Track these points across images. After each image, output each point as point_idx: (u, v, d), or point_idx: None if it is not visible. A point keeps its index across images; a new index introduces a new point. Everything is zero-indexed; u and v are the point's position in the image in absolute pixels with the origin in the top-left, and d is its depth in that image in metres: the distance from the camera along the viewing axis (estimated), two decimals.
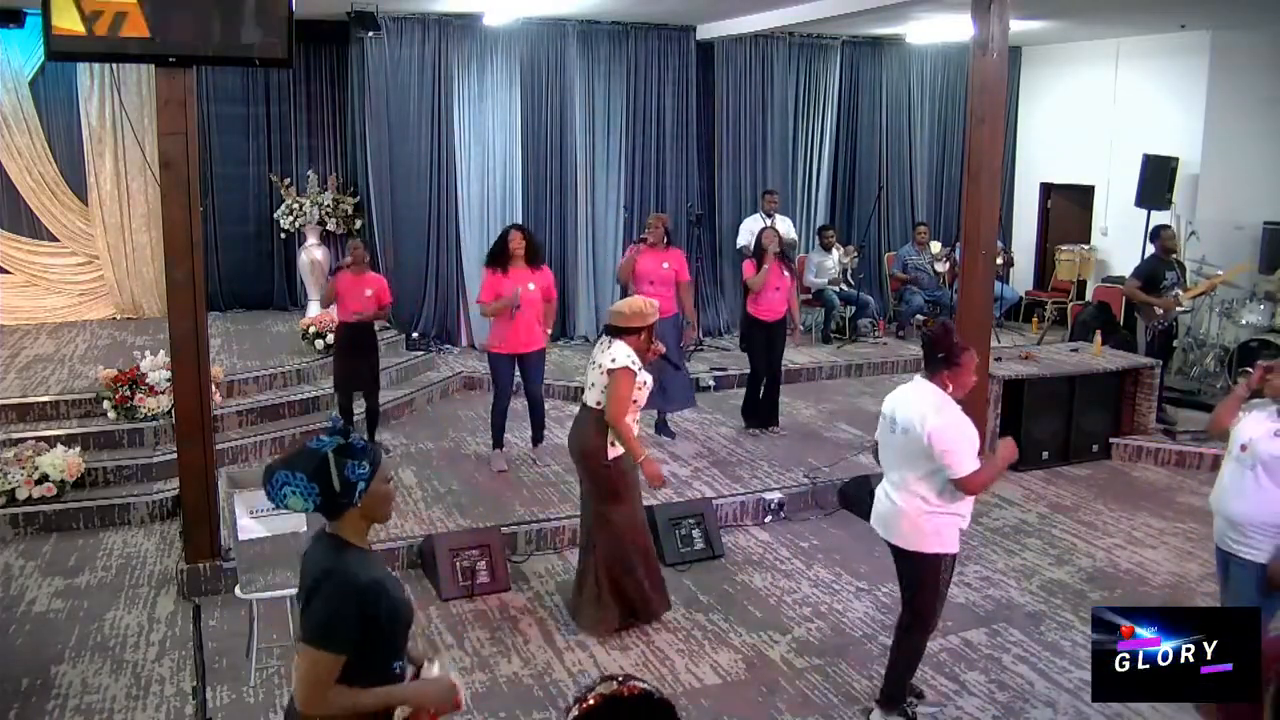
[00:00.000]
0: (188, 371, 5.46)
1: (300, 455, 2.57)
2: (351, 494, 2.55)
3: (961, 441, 4.01)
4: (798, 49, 11.35)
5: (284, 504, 2.53)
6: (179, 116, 5.27)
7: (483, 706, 4.54)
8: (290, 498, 2.52)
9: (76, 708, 4.53)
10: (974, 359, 4.15)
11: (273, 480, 2.52)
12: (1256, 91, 10.11)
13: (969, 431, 4.05)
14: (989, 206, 7.32)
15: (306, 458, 2.54)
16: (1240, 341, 9.14)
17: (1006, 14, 7.02)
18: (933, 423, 4.02)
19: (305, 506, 2.53)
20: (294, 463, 2.55)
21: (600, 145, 10.64)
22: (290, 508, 2.55)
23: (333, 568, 2.51)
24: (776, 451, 7.68)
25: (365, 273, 7.26)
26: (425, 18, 9.75)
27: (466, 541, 5.75)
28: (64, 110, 9.83)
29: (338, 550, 2.56)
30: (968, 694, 4.67)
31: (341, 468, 2.52)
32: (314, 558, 2.60)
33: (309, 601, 2.51)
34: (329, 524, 2.63)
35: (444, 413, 8.70)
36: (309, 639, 2.46)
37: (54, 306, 10.13)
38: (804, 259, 11.14)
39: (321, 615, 2.46)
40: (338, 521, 2.59)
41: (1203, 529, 6.56)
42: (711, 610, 5.47)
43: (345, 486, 2.53)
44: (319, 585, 2.49)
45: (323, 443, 2.57)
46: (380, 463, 2.61)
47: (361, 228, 10.10)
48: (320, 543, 2.62)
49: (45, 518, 6.40)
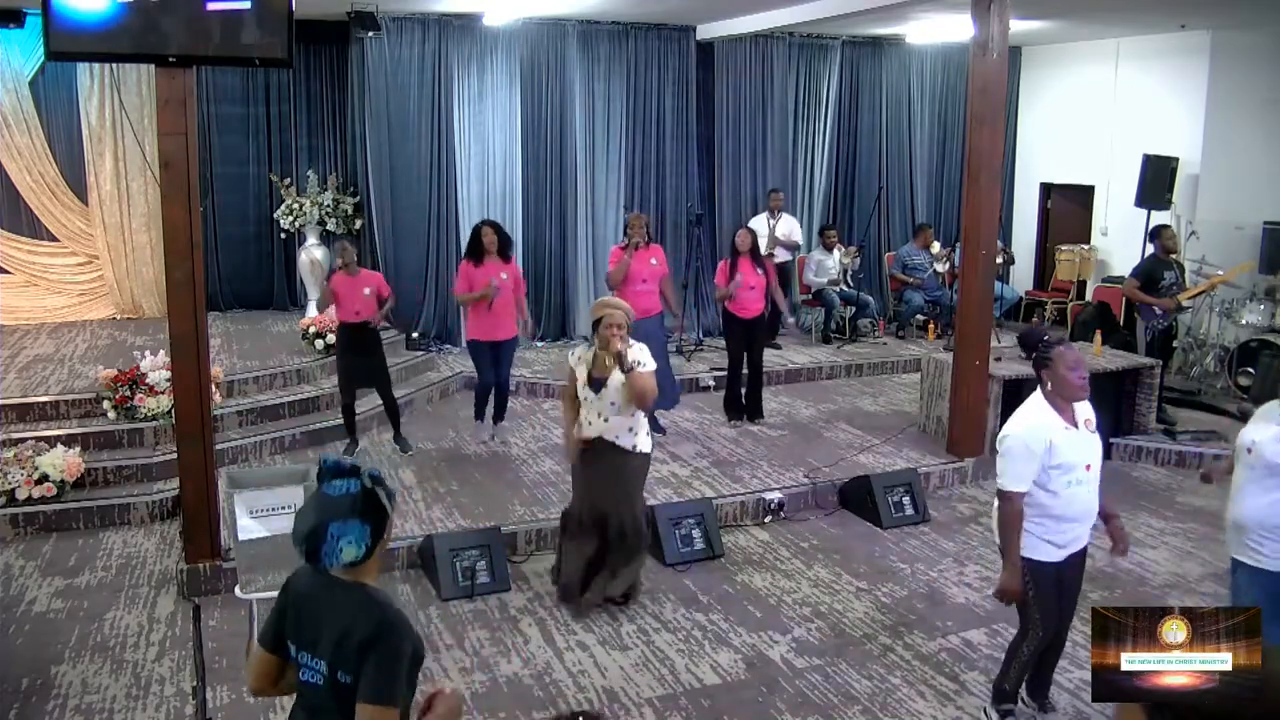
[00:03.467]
0: (188, 371, 5.46)
1: (333, 503, 2.43)
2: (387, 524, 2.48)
3: (1013, 453, 3.90)
4: (797, 49, 11.34)
5: (338, 559, 2.41)
6: (179, 116, 5.27)
7: (483, 706, 4.54)
8: (346, 550, 2.39)
9: (76, 708, 4.53)
10: (1067, 353, 3.92)
11: (327, 536, 2.38)
12: (1256, 91, 10.11)
13: (1035, 447, 3.88)
14: (989, 206, 7.32)
15: (343, 504, 2.42)
16: (1240, 341, 9.14)
17: (1006, 14, 7.03)
18: (1005, 429, 4.00)
19: (357, 555, 2.41)
20: (333, 513, 2.41)
21: (600, 145, 10.64)
22: (343, 560, 2.41)
23: (385, 618, 2.40)
24: (776, 451, 7.68)
25: (359, 272, 7.27)
26: (425, 18, 9.75)
27: (466, 541, 5.75)
28: (64, 110, 9.83)
29: (373, 597, 2.45)
30: (967, 694, 4.67)
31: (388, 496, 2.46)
32: (347, 609, 2.43)
33: (363, 657, 2.35)
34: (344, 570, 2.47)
35: (444, 413, 8.70)
36: (376, 699, 2.33)
37: (54, 306, 10.13)
38: (804, 259, 11.15)
39: (387, 673, 2.34)
40: (362, 566, 2.46)
41: (1203, 529, 6.57)
42: (711, 610, 5.47)
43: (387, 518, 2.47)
44: (377, 638, 2.36)
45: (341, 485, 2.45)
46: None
47: (361, 228, 10.11)
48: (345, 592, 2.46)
49: (45, 518, 6.40)
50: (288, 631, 2.58)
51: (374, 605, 2.43)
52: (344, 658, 2.39)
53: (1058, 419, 3.93)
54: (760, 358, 8.38)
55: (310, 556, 2.44)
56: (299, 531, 2.46)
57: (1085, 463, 3.95)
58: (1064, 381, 3.91)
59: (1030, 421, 3.94)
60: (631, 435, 5.19)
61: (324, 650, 2.45)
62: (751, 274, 7.97)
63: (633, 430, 5.19)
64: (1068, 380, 3.90)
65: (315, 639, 2.48)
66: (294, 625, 2.56)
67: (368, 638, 2.36)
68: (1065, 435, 3.91)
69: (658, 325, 7.85)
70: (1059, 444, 3.89)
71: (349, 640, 2.39)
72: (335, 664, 2.42)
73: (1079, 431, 3.96)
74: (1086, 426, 4.01)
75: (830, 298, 10.84)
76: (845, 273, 11.08)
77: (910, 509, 6.69)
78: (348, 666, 2.39)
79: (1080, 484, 3.97)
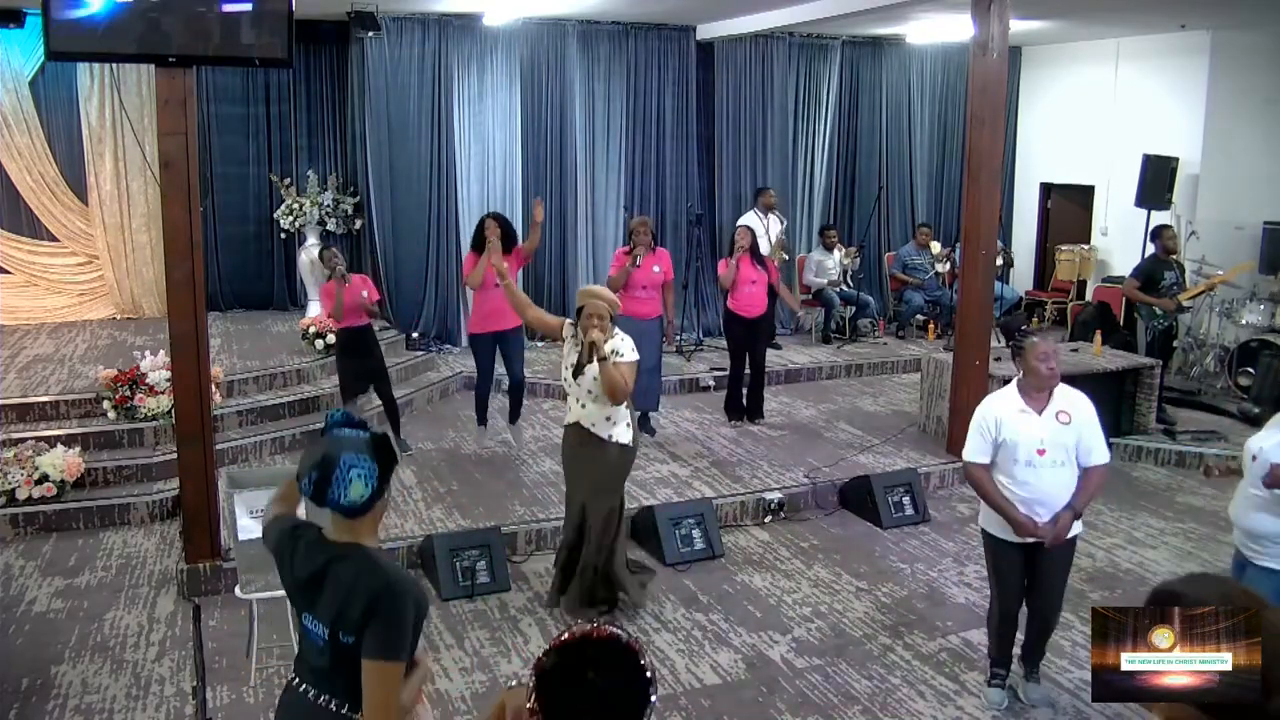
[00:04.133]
0: (188, 371, 5.46)
1: (344, 440, 2.48)
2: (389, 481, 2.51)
3: (972, 427, 4.34)
4: (797, 49, 11.34)
5: (345, 491, 2.42)
6: (179, 116, 5.27)
7: (483, 706, 4.54)
8: (355, 482, 2.42)
9: (76, 708, 4.53)
10: (1039, 344, 4.21)
11: (340, 464, 2.41)
12: (1256, 91, 10.11)
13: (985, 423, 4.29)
14: (989, 206, 7.32)
15: (355, 441, 2.48)
16: (1240, 341, 9.14)
17: (1006, 14, 7.03)
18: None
19: (364, 493, 2.44)
20: (347, 448, 2.45)
21: (600, 145, 10.64)
22: (350, 496, 2.43)
23: (387, 581, 2.42)
24: (776, 451, 7.68)
25: (351, 279, 7.23)
26: (425, 18, 9.75)
27: (466, 541, 5.75)
28: (64, 110, 9.82)
29: (373, 560, 2.48)
30: (967, 694, 4.67)
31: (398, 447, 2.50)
32: (349, 573, 2.46)
33: (369, 616, 2.39)
34: (341, 529, 2.51)
35: (444, 413, 8.70)
36: (380, 655, 2.38)
37: (54, 306, 10.12)
38: (804, 259, 11.15)
39: (392, 630, 2.39)
40: (359, 522, 2.49)
41: (1203, 529, 6.58)
42: (711, 610, 5.47)
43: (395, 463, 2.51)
44: (379, 602, 2.39)
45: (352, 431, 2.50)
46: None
47: (361, 227, 10.11)
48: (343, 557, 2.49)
49: (45, 518, 6.40)
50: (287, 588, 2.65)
51: (375, 569, 2.45)
52: (346, 620, 2.43)
53: (1018, 402, 4.24)
54: (762, 358, 8.37)
55: (319, 486, 2.44)
56: (307, 463, 2.47)
57: (1036, 447, 4.18)
58: (1032, 371, 4.21)
59: (990, 401, 4.37)
60: (609, 425, 5.10)
61: (324, 613, 2.49)
62: (752, 270, 7.98)
63: (611, 420, 5.10)
64: (1036, 370, 4.19)
65: (314, 601, 2.52)
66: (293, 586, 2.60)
67: (370, 602, 2.40)
68: (1019, 418, 4.21)
69: (656, 327, 7.84)
70: (1007, 424, 4.21)
71: (351, 606, 2.42)
72: (337, 626, 2.45)
73: (1039, 418, 4.21)
74: (1059, 418, 4.21)
75: (830, 298, 10.84)
76: (845, 273, 11.08)
77: (910, 509, 6.69)
78: (350, 629, 2.42)
79: (1031, 467, 4.21)
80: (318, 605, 2.51)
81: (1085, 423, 4.23)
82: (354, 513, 2.47)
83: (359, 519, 2.50)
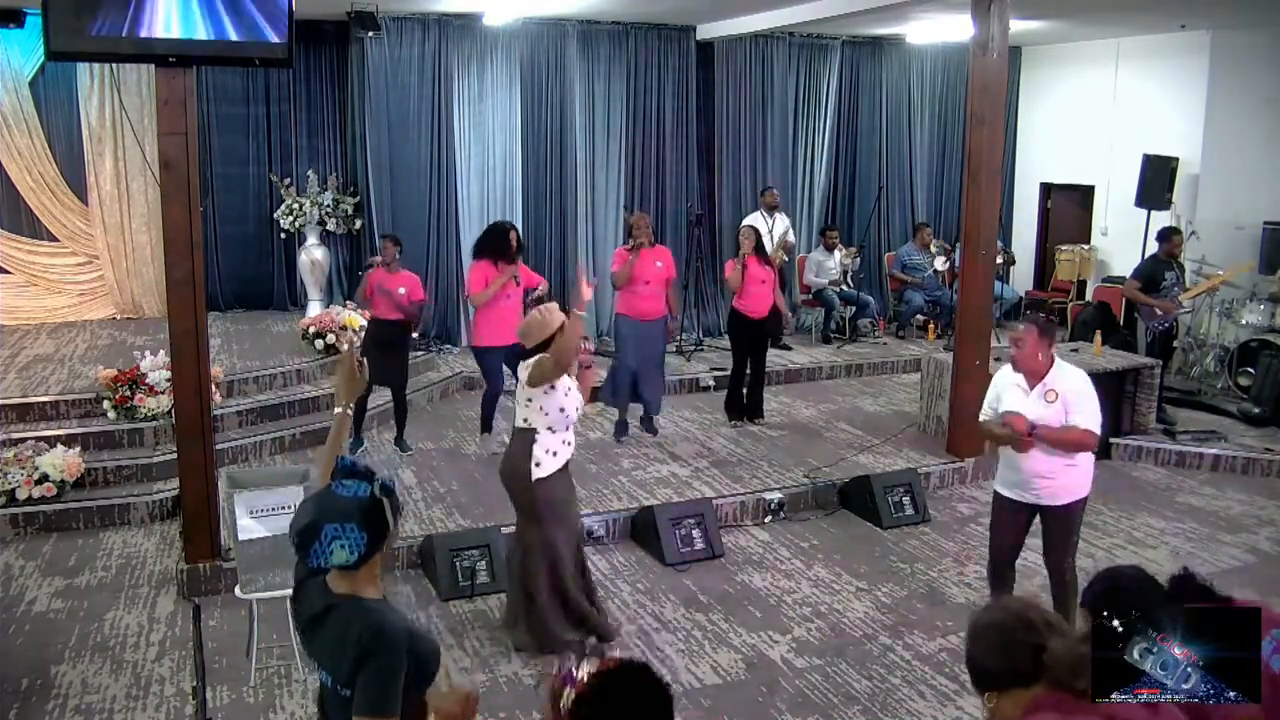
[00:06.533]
0: (188, 371, 5.46)
1: (336, 504, 2.40)
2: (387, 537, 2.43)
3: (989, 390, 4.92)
4: (797, 49, 11.34)
5: (327, 559, 2.38)
6: (179, 116, 5.27)
7: (483, 706, 4.51)
8: (337, 552, 2.36)
9: (76, 708, 4.53)
10: (1024, 333, 4.63)
11: (321, 535, 2.35)
12: (1256, 91, 10.11)
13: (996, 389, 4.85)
14: (989, 206, 7.32)
15: (346, 506, 2.38)
16: (1240, 341, 9.13)
17: (1006, 14, 7.03)
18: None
19: (348, 559, 2.37)
20: (333, 514, 2.38)
21: (600, 145, 10.64)
22: (332, 562, 2.38)
23: (375, 633, 2.35)
24: (776, 451, 7.68)
25: (399, 271, 7.31)
26: (425, 18, 9.75)
27: (466, 541, 5.75)
28: (64, 110, 9.82)
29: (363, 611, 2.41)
30: (967, 694, 4.66)
31: (394, 511, 2.40)
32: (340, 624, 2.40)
33: (358, 669, 2.33)
34: (338, 579, 2.44)
35: (444, 413, 8.70)
36: (368, 711, 2.32)
37: (54, 306, 10.12)
38: (804, 259, 11.15)
39: (381, 684, 2.32)
40: (354, 575, 2.42)
41: (1203, 529, 6.58)
42: (711, 610, 5.47)
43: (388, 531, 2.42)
44: (367, 655, 2.33)
45: (352, 487, 2.42)
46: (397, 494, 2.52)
47: (361, 227, 10.11)
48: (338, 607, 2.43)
49: (45, 518, 6.40)
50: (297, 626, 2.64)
51: (366, 621, 2.38)
52: (341, 674, 2.39)
53: (1017, 378, 4.72)
54: (764, 359, 8.35)
55: (300, 550, 2.41)
56: (295, 525, 2.43)
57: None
58: (1017, 357, 4.70)
59: (1001, 372, 4.88)
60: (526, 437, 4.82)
61: (325, 663, 2.48)
62: (761, 269, 7.97)
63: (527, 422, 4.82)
64: (1017, 356, 4.69)
65: (315, 647, 2.51)
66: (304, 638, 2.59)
67: (360, 654, 2.34)
68: (1014, 392, 4.70)
69: (661, 329, 7.83)
70: (1005, 396, 4.74)
71: (343, 659, 2.37)
72: (335, 680, 2.42)
73: (1029, 395, 4.64)
74: (1045, 396, 4.59)
75: (830, 298, 10.84)
76: (845, 273, 11.08)
77: (910, 509, 6.68)
78: (345, 682, 2.38)
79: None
80: (318, 652, 2.49)
81: (1068, 392, 4.57)
82: (345, 569, 2.43)
83: (354, 572, 2.44)
